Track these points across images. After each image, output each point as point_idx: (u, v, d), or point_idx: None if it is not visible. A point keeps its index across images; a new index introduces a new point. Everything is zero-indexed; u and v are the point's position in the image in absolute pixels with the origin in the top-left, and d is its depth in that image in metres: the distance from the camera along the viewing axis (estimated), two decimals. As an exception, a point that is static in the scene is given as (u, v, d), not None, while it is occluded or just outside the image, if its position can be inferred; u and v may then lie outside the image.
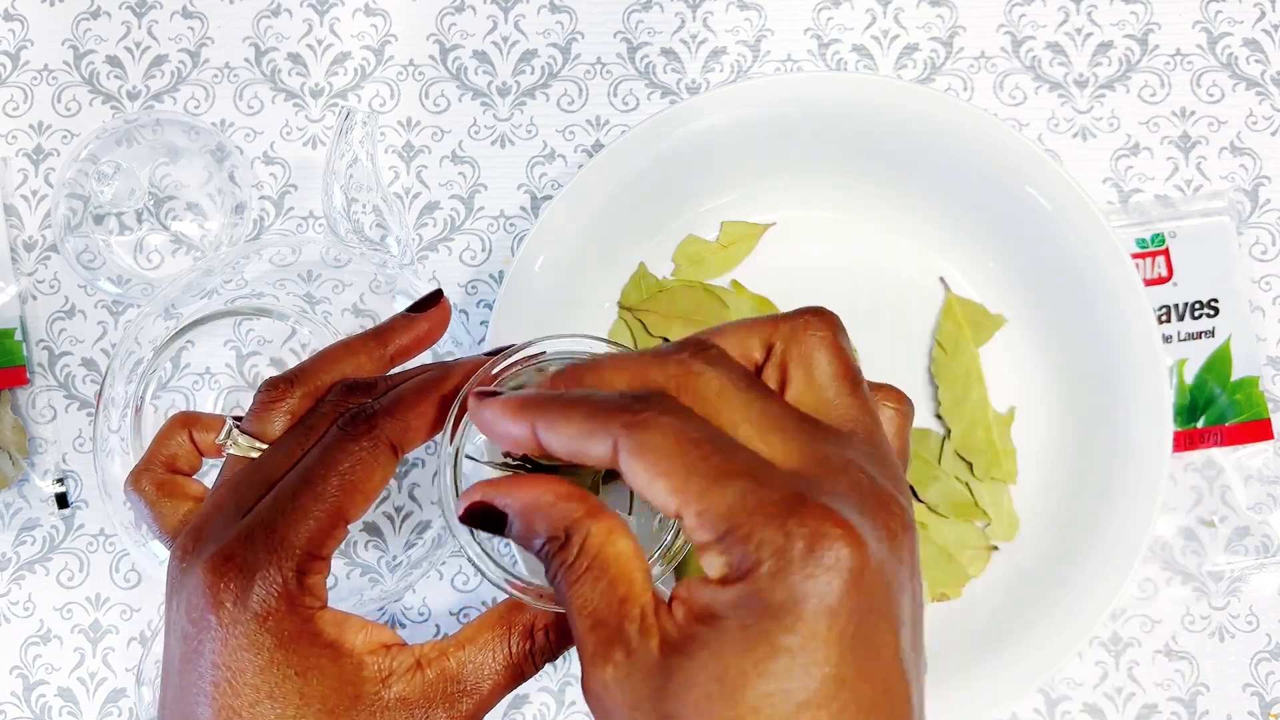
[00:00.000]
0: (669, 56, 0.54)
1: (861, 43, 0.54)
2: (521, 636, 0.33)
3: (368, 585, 0.50)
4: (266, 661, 0.29)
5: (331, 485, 0.31)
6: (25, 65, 0.55)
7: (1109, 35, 0.54)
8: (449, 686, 0.32)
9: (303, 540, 0.30)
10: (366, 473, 0.31)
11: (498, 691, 0.32)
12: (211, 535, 0.31)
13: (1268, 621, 0.50)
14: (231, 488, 0.33)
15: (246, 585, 0.30)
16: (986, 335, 0.50)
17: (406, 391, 0.33)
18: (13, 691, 0.52)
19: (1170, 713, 0.50)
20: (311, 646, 0.30)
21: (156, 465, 0.36)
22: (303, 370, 0.35)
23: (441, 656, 0.32)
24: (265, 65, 0.55)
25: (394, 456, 0.32)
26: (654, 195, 0.49)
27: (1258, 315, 0.52)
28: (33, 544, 0.53)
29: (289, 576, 0.30)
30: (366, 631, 0.31)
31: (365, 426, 0.32)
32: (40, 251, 0.54)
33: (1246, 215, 0.52)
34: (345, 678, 0.30)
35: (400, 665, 0.31)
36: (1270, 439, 0.51)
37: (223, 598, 0.30)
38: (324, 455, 0.31)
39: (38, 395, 0.53)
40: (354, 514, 0.31)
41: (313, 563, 0.31)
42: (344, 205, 0.50)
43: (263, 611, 0.29)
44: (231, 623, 0.29)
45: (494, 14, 0.55)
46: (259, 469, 0.33)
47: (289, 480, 0.31)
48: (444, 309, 0.38)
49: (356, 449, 0.31)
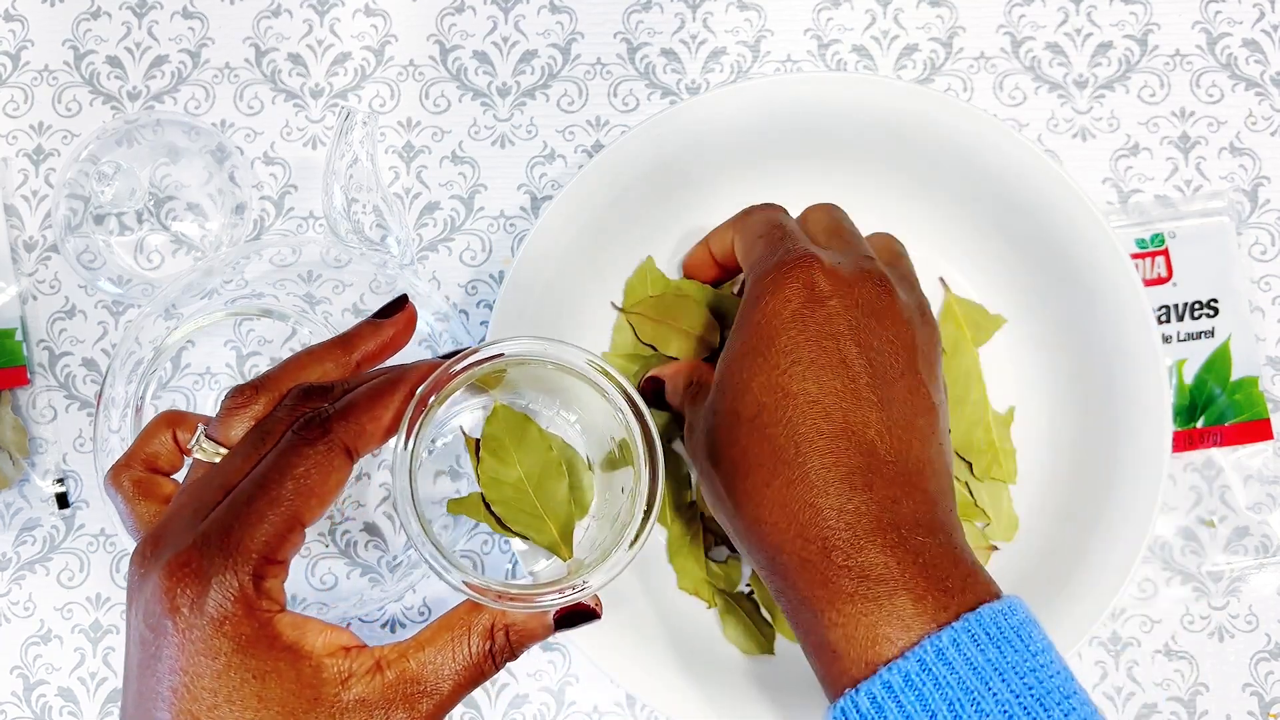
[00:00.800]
0: (669, 57, 0.54)
1: (861, 43, 0.54)
2: (481, 637, 0.33)
3: (368, 585, 0.50)
4: (224, 665, 0.30)
5: (286, 490, 0.31)
6: (26, 66, 0.55)
7: (1108, 36, 0.54)
8: (408, 687, 0.32)
9: (258, 544, 0.30)
10: (321, 477, 0.31)
11: (458, 692, 0.33)
12: (169, 541, 0.31)
13: (1267, 621, 0.50)
14: (191, 493, 0.33)
15: (202, 590, 0.30)
16: (986, 335, 0.50)
17: (361, 395, 0.33)
18: (13, 691, 0.52)
19: (1170, 712, 0.50)
20: (269, 650, 0.30)
21: (137, 463, 0.36)
22: (268, 377, 0.35)
23: (401, 658, 0.32)
24: (265, 66, 0.55)
25: (349, 460, 0.32)
26: (654, 195, 0.49)
27: (1257, 315, 0.52)
28: (33, 544, 0.53)
29: (245, 581, 0.30)
30: (326, 634, 0.32)
31: (320, 430, 0.32)
32: (41, 252, 0.54)
33: (1246, 215, 0.52)
34: (304, 680, 0.31)
35: (360, 667, 0.31)
36: (1270, 439, 0.51)
37: (179, 603, 0.30)
38: (279, 460, 0.32)
39: (38, 395, 0.53)
40: (309, 518, 0.32)
41: (269, 567, 0.31)
42: (344, 205, 0.50)
43: (219, 616, 0.30)
44: (188, 628, 0.30)
45: (494, 14, 0.55)
46: (216, 474, 0.33)
47: (244, 485, 0.32)
48: (409, 314, 0.38)
49: (311, 453, 0.31)
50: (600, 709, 0.51)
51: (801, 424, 0.37)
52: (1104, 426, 0.47)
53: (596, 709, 0.51)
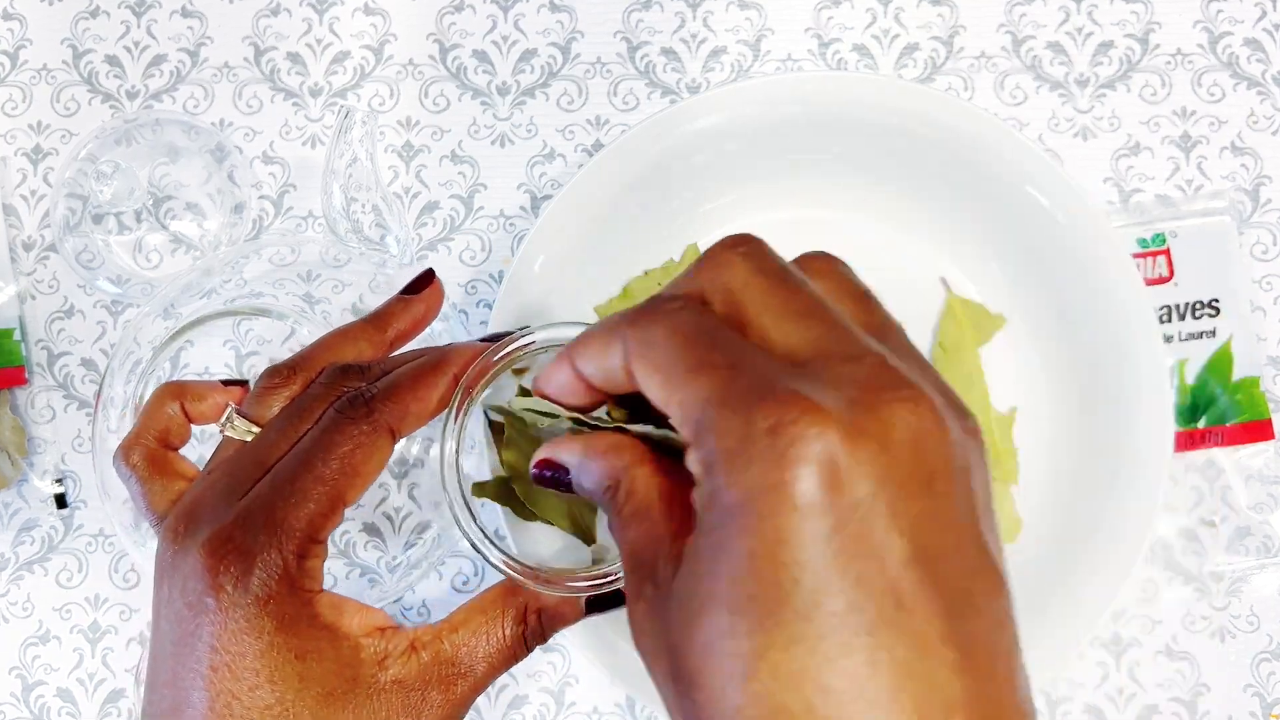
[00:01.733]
0: (669, 56, 0.54)
1: (862, 42, 0.54)
2: (514, 620, 0.33)
3: (367, 586, 0.50)
4: (267, 645, 0.29)
5: (331, 468, 0.31)
6: (24, 64, 0.55)
7: (1110, 35, 0.53)
8: (444, 669, 0.32)
9: (303, 523, 0.30)
10: (365, 456, 0.31)
11: (491, 674, 0.32)
12: (206, 517, 0.31)
13: (1269, 622, 0.50)
14: (226, 470, 0.32)
15: (247, 568, 0.29)
16: (987, 335, 0.50)
17: (404, 376, 0.33)
18: (12, 692, 0.52)
19: (1171, 713, 0.50)
20: (311, 629, 0.30)
21: (148, 437, 0.35)
22: (303, 358, 0.35)
23: (436, 639, 0.32)
24: (264, 65, 0.55)
25: (391, 440, 0.32)
26: (654, 195, 0.49)
27: (1259, 315, 0.52)
28: (31, 544, 0.53)
29: (290, 559, 0.30)
30: (362, 615, 0.31)
31: (364, 410, 0.32)
32: (39, 251, 0.54)
33: (1247, 215, 0.52)
34: (343, 660, 0.30)
35: (396, 648, 0.31)
36: (1271, 439, 0.51)
37: (222, 580, 0.29)
38: (323, 438, 0.31)
39: (36, 395, 0.53)
40: (352, 497, 0.31)
41: (312, 546, 0.30)
42: (343, 205, 0.50)
43: (264, 595, 0.29)
44: (231, 606, 0.29)
45: (494, 13, 0.54)
46: (253, 451, 0.32)
47: (287, 462, 0.31)
48: (436, 289, 0.38)
49: (356, 432, 0.31)
50: (600, 709, 0.51)
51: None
52: (1105, 427, 0.47)
53: (596, 709, 0.51)
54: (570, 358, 0.28)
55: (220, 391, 0.36)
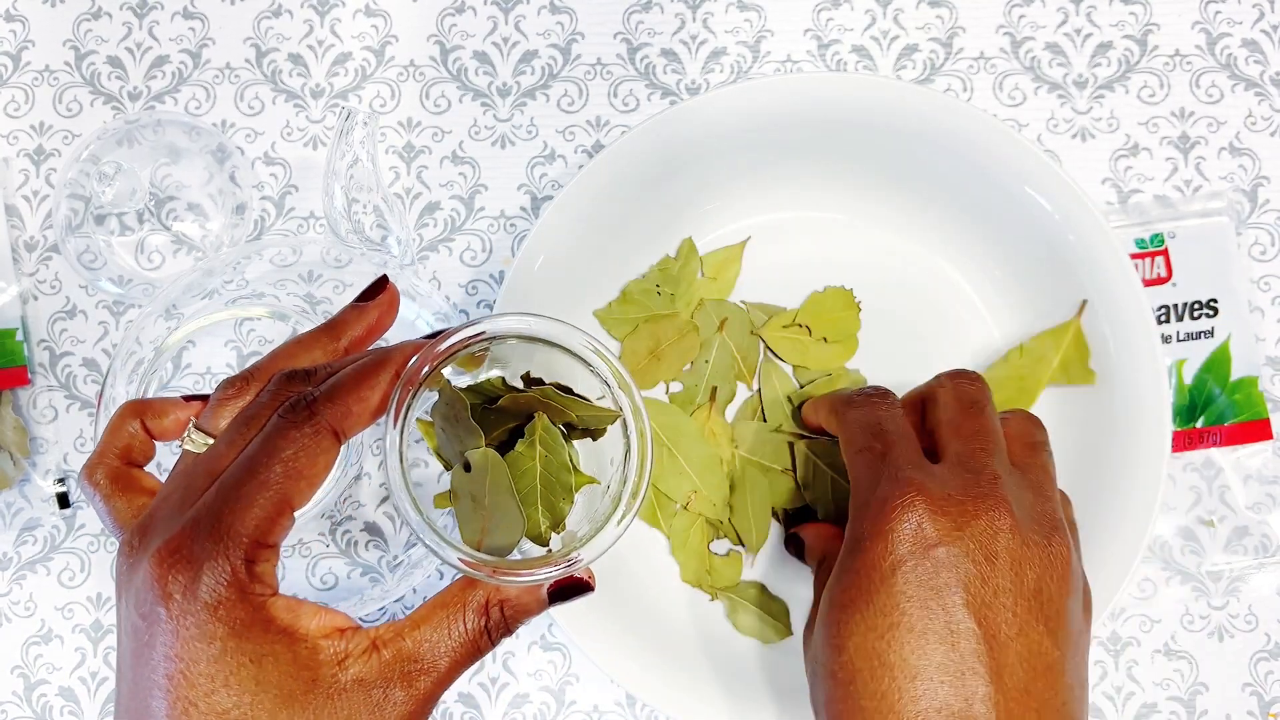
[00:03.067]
0: (669, 57, 0.54)
1: (861, 43, 0.54)
2: (476, 613, 0.33)
3: (368, 585, 0.51)
4: (219, 650, 0.30)
5: (275, 473, 0.31)
6: (26, 66, 0.55)
7: (1108, 36, 0.54)
8: (406, 665, 0.32)
9: (249, 528, 0.30)
10: (309, 459, 0.31)
11: (455, 668, 0.33)
12: (158, 530, 0.31)
13: (1267, 621, 0.50)
14: (178, 482, 0.33)
15: (194, 576, 0.30)
16: (1069, 379, 0.48)
17: (346, 377, 0.33)
18: (14, 691, 0.52)
19: (1169, 712, 0.50)
20: (265, 633, 0.30)
21: (110, 457, 0.35)
22: (257, 368, 0.35)
23: (397, 637, 0.32)
24: (266, 66, 0.55)
25: (336, 442, 0.32)
26: (654, 196, 0.49)
27: (1257, 315, 0.52)
28: (34, 544, 0.53)
29: (237, 565, 0.30)
30: (320, 616, 0.32)
31: (306, 413, 0.32)
32: (41, 252, 0.54)
33: (1246, 215, 0.52)
34: (300, 662, 0.30)
35: (356, 647, 0.31)
36: (1269, 439, 0.51)
37: (171, 589, 0.30)
38: (266, 443, 0.31)
39: (39, 395, 0.53)
40: (299, 500, 0.32)
41: (261, 550, 0.31)
42: (345, 206, 0.50)
43: (213, 601, 0.30)
44: (181, 614, 0.30)
45: (494, 15, 0.55)
46: (204, 461, 0.33)
47: (232, 470, 0.31)
48: (391, 295, 0.38)
49: (298, 435, 0.31)
50: (600, 709, 0.51)
51: (897, 701, 0.34)
52: (1104, 426, 0.47)
53: (596, 709, 0.51)
54: (814, 411, 0.46)
55: (181, 407, 0.36)
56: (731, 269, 0.51)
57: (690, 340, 0.50)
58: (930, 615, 0.34)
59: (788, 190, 0.51)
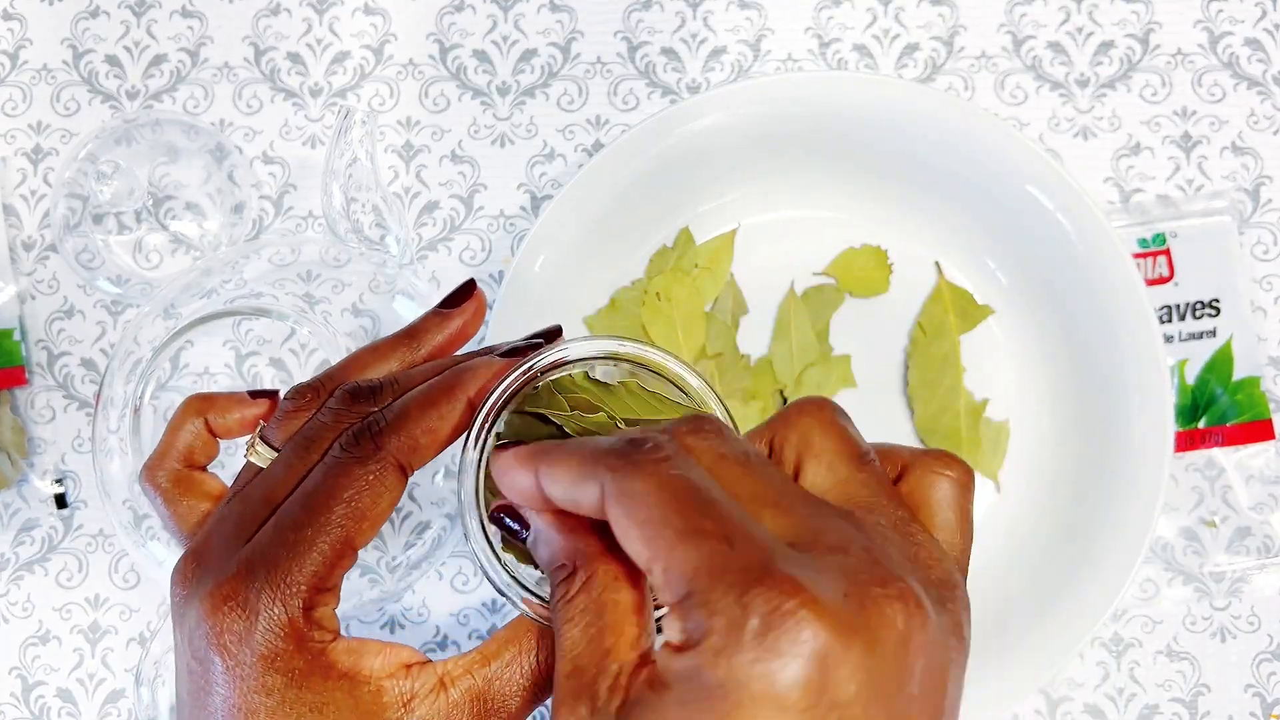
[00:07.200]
0: (669, 56, 0.54)
1: (862, 42, 0.54)
2: (549, 648, 0.30)
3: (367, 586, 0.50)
4: (278, 701, 0.28)
5: (336, 515, 0.29)
6: (24, 65, 0.55)
7: (1110, 35, 0.53)
8: (475, 705, 0.30)
9: (308, 575, 0.29)
10: (374, 499, 0.29)
11: (527, 707, 0.30)
12: (211, 565, 0.30)
13: (1269, 622, 0.50)
14: (236, 507, 0.31)
15: (250, 626, 0.28)
16: (971, 323, 0.50)
17: (413, 404, 0.31)
18: (12, 692, 0.52)
19: (1172, 713, 0.50)
20: (325, 681, 0.29)
21: (172, 458, 0.34)
22: (329, 377, 0.33)
23: (466, 674, 0.30)
24: (264, 65, 0.55)
25: (403, 477, 0.30)
26: (654, 195, 0.49)
27: (1259, 315, 0.52)
28: (32, 544, 0.53)
29: (295, 614, 0.28)
30: (385, 654, 0.30)
31: (371, 447, 0.30)
32: (39, 251, 0.54)
33: (1248, 215, 0.52)
34: (363, 708, 0.29)
35: (423, 687, 0.29)
36: (1271, 439, 0.51)
37: (226, 640, 0.28)
38: (326, 480, 0.29)
39: (37, 395, 0.53)
40: (361, 541, 0.30)
41: (319, 595, 0.29)
42: (343, 205, 0.50)
43: (269, 653, 0.28)
44: (236, 665, 0.28)
45: (494, 13, 0.54)
46: (261, 486, 0.31)
47: (289, 507, 0.30)
48: (479, 301, 0.35)
49: (363, 473, 0.29)
50: (600, 710, 0.51)
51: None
52: (1106, 426, 0.47)
53: (596, 710, 0.51)
54: (535, 470, 0.27)
55: (246, 405, 0.35)
56: (724, 257, 0.50)
57: None
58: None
59: (788, 189, 0.50)
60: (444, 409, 0.30)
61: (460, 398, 0.31)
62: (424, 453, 0.30)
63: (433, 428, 0.30)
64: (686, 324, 0.49)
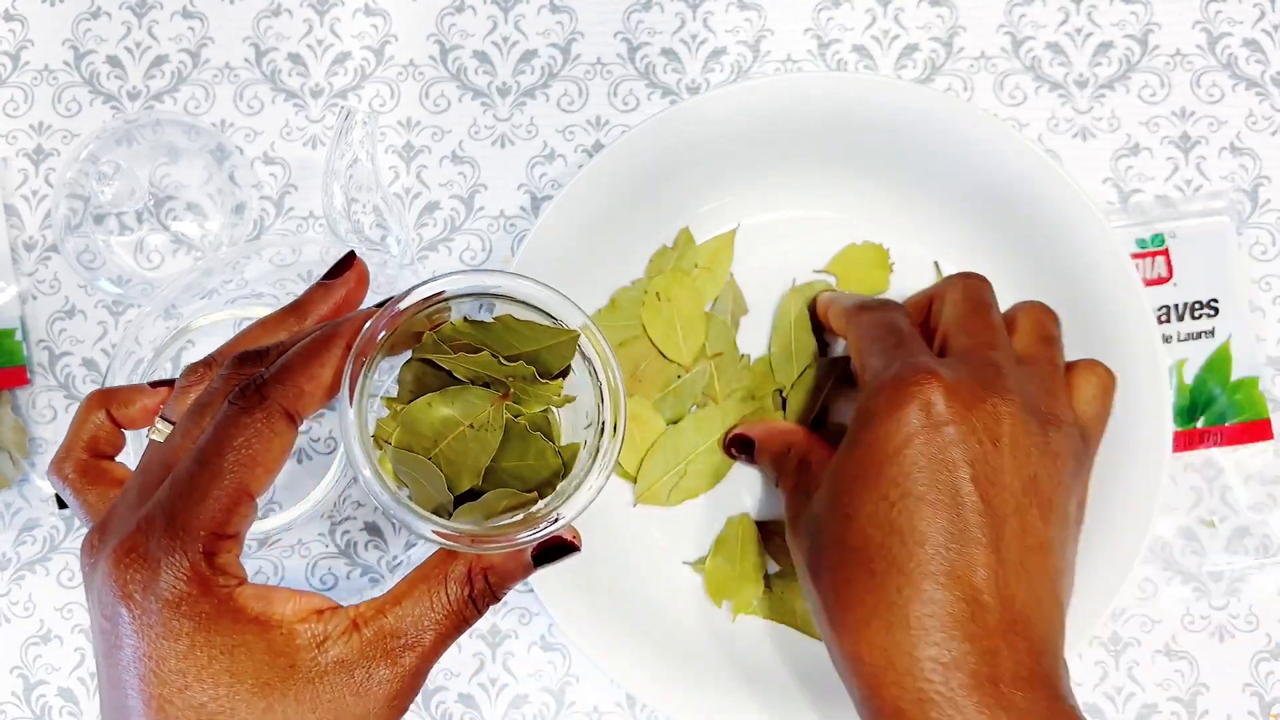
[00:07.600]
0: (669, 56, 0.54)
1: (861, 43, 0.54)
2: (458, 583, 0.32)
3: (368, 585, 0.51)
4: (188, 646, 0.29)
5: (227, 462, 0.30)
6: (25, 65, 0.55)
7: (1109, 35, 0.54)
8: (388, 642, 0.31)
9: (204, 521, 0.30)
10: (263, 445, 0.30)
11: (440, 642, 0.32)
12: (114, 528, 0.31)
13: (1268, 621, 0.50)
14: (137, 477, 0.32)
15: (152, 574, 0.29)
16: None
17: (295, 356, 0.32)
18: (13, 691, 0.52)
19: (1170, 713, 0.50)
20: (234, 624, 0.30)
21: (77, 450, 0.35)
22: (220, 352, 0.34)
23: (378, 614, 0.31)
24: (265, 65, 0.55)
25: (291, 424, 0.31)
26: (654, 195, 0.49)
27: (1258, 315, 0.52)
28: (33, 544, 0.53)
29: (196, 559, 0.29)
30: (296, 600, 0.31)
31: (256, 397, 0.31)
32: (40, 251, 0.54)
33: (1246, 215, 0.52)
34: (276, 649, 0.30)
35: (335, 628, 0.31)
36: (1270, 439, 0.51)
37: (130, 589, 0.29)
38: (217, 432, 0.31)
39: (38, 395, 0.53)
40: (257, 487, 0.31)
41: (221, 542, 0.30)
42: (344, 205, 0.50)
43: (174, 598, 0.29)
44: (144, 613, 0.29)
45: (494, 14, 0.55)
46: (158, 454, 0.32)
47: (184, 462, 0.31)
48: (359, 271, 0.37)
49: (249, 421, 0.30)
50: (600, 709, 0.51)
51: (906, 563, 0.36)
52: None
53: (596, 709, 0.51)
54: (827, 307, 0.48)
55: (148, 394, 0.36)
56: (724, 257, 0.51)
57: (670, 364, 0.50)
58: (937, 486, 0.36)
59: (788, 189, 0.50)
60: (324, 356, 0.32)
61: (338, 344, 0.32)
62: (309, 399, 0.32)
63: (315, 374, 0.32)
64: (686, 324, 0.50)
